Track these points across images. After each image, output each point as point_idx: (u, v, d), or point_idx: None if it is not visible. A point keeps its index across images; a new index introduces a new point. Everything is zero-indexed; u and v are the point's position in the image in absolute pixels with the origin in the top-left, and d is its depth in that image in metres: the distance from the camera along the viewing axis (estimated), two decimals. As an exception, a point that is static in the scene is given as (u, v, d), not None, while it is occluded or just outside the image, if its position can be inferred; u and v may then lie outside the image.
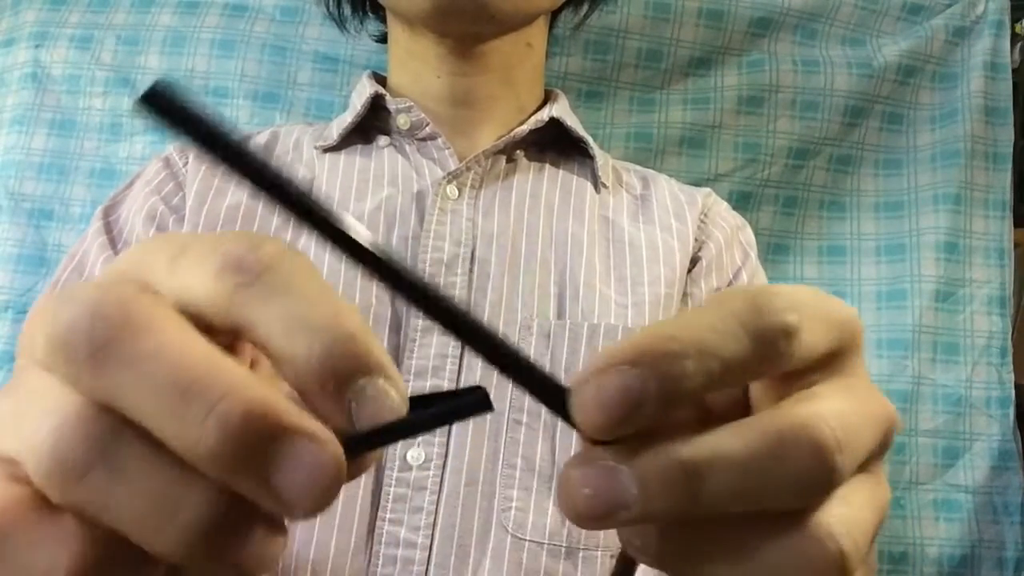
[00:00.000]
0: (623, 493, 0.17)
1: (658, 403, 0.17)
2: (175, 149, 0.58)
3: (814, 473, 0.18)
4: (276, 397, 0.17)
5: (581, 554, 0.48)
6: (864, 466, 0.20)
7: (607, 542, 0.49)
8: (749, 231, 0.63)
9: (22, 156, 0.77)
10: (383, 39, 0.64)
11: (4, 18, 0.82)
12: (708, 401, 0.22)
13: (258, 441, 0.16)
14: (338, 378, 0.17)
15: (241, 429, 0.16)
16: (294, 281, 0.18)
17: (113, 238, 0.55)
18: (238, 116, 0.77)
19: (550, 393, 0.18)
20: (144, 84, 0.77)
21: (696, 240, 0.59)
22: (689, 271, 0.58)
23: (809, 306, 0.19)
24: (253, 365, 0.21)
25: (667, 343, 0.18)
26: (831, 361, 0.21)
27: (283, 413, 0.16)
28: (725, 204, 0.63)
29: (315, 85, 0.78)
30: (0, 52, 0.81)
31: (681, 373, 0.18)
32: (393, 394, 0.18)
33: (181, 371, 0.16)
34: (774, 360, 0.19)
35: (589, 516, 0.18)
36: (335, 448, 0.17)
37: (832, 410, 0.19)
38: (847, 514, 0.19)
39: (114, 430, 0.17)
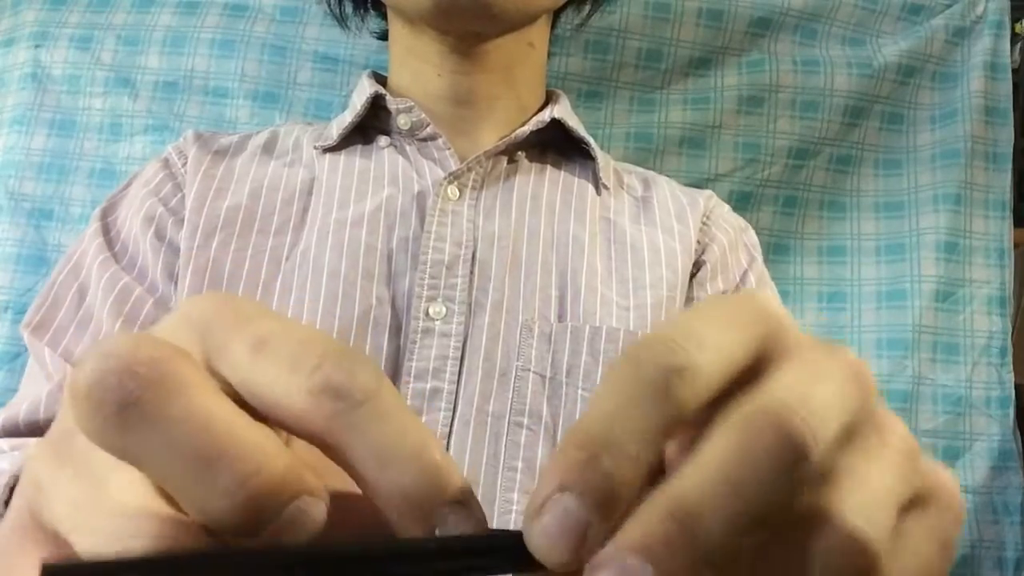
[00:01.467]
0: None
1: (602, 509, 0.17)
2: (173, 150, 0.58)
3: (793, 453, 0.17)
4: (299, 474, 0.17)
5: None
6: (861, 429, 0.19)
7: None
8: (752, 233, 0.63)
9: (22, 156, 0.77)
10: (384, 36, 0.64)
11: (4, 18, 0.82)
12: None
13: (276, 518, 0.16)
14: (424, 506, 0.18)
15: (263, 506, 0.16)
16: (390, 412, 0.18)
17: (111, 240, 0.55)
18: (238, 116, 0.77)
19: (511, 552, 0.18)
20: (144, 85, 0.78)
21: (699, 243, 0.58)
22: (694, 275, 0.57)
23: (700, 327, 0.19)
24: None
25: (577, 453, 0.18)
26: (769, 356, 0.20)
27: (303, 491, 0.17)
28: (727, 207, 0.63)
29: (315, 85, 0.78)
30: (0, 52, 0.81)
31: (605, 471, 0.17)
32: (477, 520, 0.18)
33: (209, 439, 0.16)
34: (682, 405, 0.18)
35: None
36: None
37: (782, 384, 0.18)
38: (863, 499, 0.18)
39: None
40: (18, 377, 0.72)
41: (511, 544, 0.18)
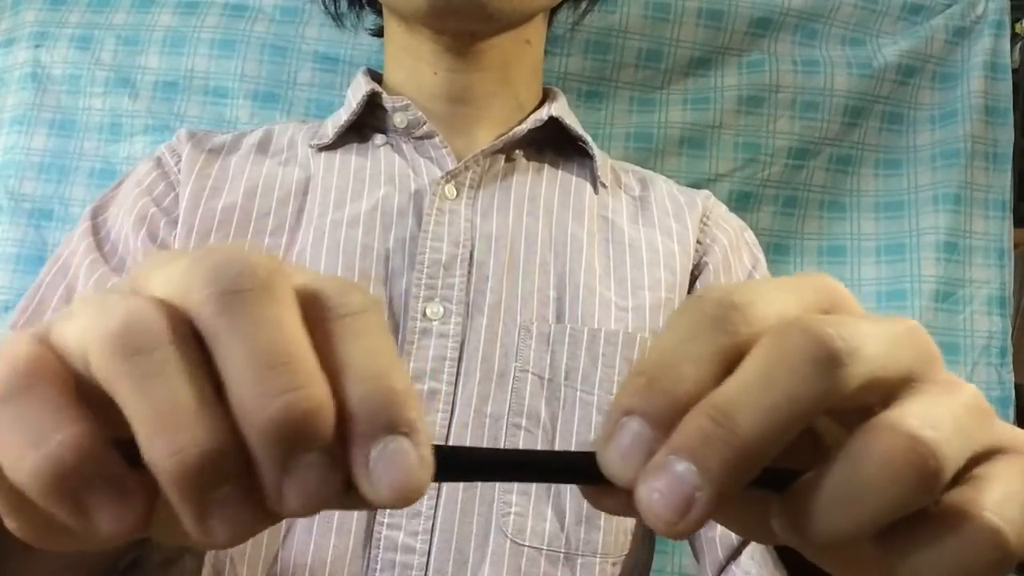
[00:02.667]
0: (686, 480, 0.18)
1: (664, 427, 0.19)
2: (166, 148, 0.57)
3: (821, 351, 0.19)
4: (330, 418, 0.18)
5: (580, 560, 0.49)
6: (921, 379, 0.20)
7: (605, 549, 0.49)
8: (751, 233, 0.63)
9: (22, 156, 0.77)
10: (380, 33, 0.64)
11: (4, 18, 0.82)
12: None
13: (301, 438, 0.18)
14: (368, 427, 0.18)
15: (298, 422, 0.17)
16: (366, 331, 0.19)
17: (100, 240, 0.54)
18: (238, 116, 0.77)
19: (586, 470, 0.20)
20: (144, 85, 0.78)
21: (699, 243, 0.58)
22: (696, 277, 0.57)
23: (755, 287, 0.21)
24: None
25: (638, 379, 0.19)
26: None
27: (327, 428, 0.18)
28: (724, 207, 0.63)
29: (315, 85, 0.78)
30: (0, 52, 0.81)
31: (663, 392, 0.19)
32: (419, 456, 0.19)
33: (285, 347, 0.18)
34: (736, 334, 0.20)
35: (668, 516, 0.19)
36: (340, 476, 0.18)
37: (823, 317, 0.20)
38: (925, 411, 0.19)
39: (178, 332, 0.18)
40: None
41: (585, 464, 0.20)
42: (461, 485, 0.47)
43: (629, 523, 0.52)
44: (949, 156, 0.77)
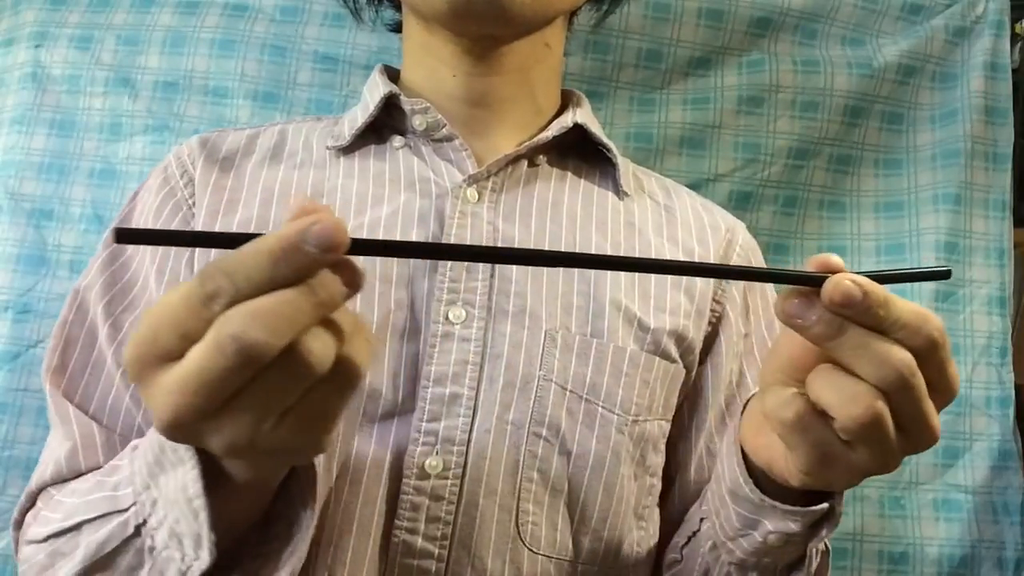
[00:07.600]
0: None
1: None
2: (175, 160, 0.56)
3: None
4: None
5: (579, 567, 0.49)
6: None
7: (607, 558, 0.50)
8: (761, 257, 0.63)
9: (22, 156, 0.77)
10: (398, 28, 0.63)
11: (4, 18, 0.82)
12: None
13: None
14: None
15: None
16: None
17: (115, 274, 0.53)
18: (238, 116, 0.77)
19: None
20: (144, 85, 0.78)
21: (717, 303, 0.57)
22: (717, 320, 0.57)
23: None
24: None
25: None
26: None
27: None
28: (747, 235, 0.62)
29: (315, 85, 0.78)
30: (0, 52, 0.81)
31: None
32: None
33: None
34: None
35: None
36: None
37: None
38: None
39: None
40: (18, 376, 0.73)
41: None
42: (482, 491, 0.46)
43: (630, 535, 0.52)
44: (949, 156, 0.77)
